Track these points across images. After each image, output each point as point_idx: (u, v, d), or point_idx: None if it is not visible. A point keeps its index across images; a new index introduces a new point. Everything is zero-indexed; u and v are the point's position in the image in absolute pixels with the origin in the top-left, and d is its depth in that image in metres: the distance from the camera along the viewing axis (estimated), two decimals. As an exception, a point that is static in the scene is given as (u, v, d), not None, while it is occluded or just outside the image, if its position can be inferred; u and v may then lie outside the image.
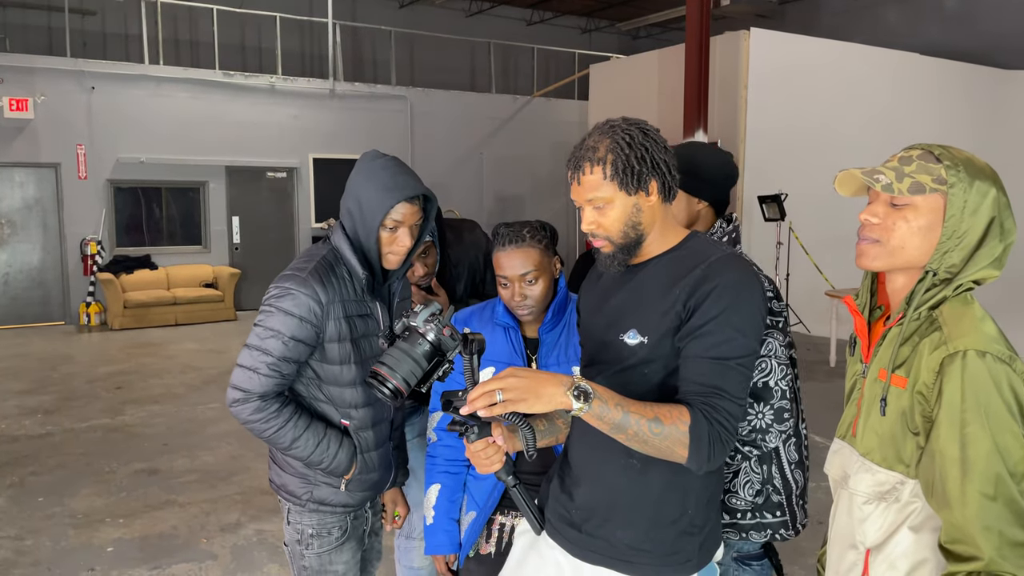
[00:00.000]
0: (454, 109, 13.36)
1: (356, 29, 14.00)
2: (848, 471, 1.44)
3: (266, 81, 11.82)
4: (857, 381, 1.47)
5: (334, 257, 1.89)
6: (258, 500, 4.55)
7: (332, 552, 1.94)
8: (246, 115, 11.64)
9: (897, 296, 1.41)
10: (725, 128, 9.33)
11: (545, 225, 1.98)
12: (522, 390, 1.33)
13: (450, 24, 15.32)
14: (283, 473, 1.94)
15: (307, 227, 12.37)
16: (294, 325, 1.79)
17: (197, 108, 11.29)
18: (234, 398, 1.80)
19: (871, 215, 1.37)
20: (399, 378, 1.54)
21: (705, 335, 1.41)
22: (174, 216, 11.66)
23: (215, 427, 6.01)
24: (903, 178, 1.33)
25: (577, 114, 14.20)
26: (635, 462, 1.52)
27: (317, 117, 12.25)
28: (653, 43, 16.82)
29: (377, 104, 12.73)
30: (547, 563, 1.68)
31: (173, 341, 9.63)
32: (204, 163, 11.43)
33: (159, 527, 4.18)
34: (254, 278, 11.91)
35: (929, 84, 10.53)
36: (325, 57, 13.38)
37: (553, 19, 17.07)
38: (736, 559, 2.03)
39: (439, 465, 2.13)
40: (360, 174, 1.85)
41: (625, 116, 1.54)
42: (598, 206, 1.50)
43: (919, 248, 1.34)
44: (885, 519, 1.36)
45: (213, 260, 11.69)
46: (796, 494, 1.98)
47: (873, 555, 1.38)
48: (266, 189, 12.11)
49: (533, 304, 1.96)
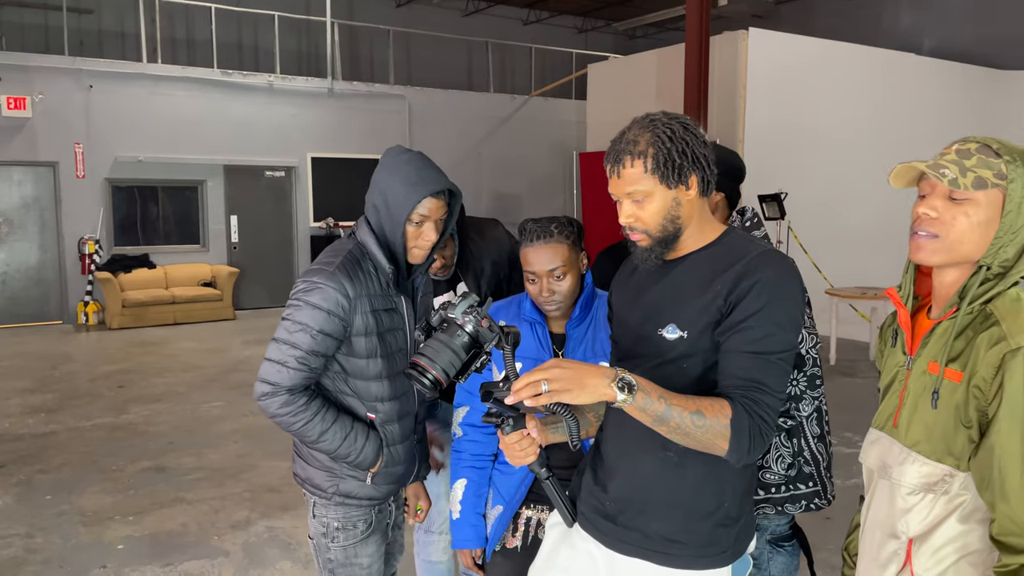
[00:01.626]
0: (452, 108, 13.37)
1: (353, 28, 14.00)
2: (888, 461, 1.46)
3: (264, 80, 11.81)
4: (899, 373, 1.48)
5: (360, 252, 1.91)
6: (267, 497, 4.56)
7: (357, 545, 1.96)
8: (244, 114, 11.63)
9: (947, 290, 1.41)
10: (724, 128, 9.36)
11: (572, 220, 2.00)
12: (567, 381, 1.34)
13: (446, 23, 15.34)
14: (308, 467, 1.96)
15: (305, 226, 12.36)
16: (322, 319, 1.81)
17: (195, 107, 11.28)
18: (263, 391, 1.81)
19: (929, 209, 1.37)
20: (439, 369, 1.55)
21: (746, 330, 1.43)
22: (172, 215, 11.64)
23: (220, 425, 6.01)
24: (966, 173, 1.33)
25: (575, 114, 14.23)
26: (672, 455, 1.53)
27: (315, 116, 12.25)
28: (649, 43, 16.86)
29: (375, 103, 12.74)
30: (580, 555, 1.69)
31: (172, 340, 9.61)
32: (202, 162, 11.42)
33: (169, 524, 4.19)
34: (252, 277, 11.91)
35: (925, 84, 10.59)
36: (323, 56, 13.37)
37: (549, 19, 17.09)
38: (770, 542, 2.07)
39: (465, 460, 2.15)
40: (385, 169, 1.87)
41: (665, 110, 1.56)
42: (637, 199, 1.51)
43: (977, 243, 1.35)
44: (932, 510, 1.38)
45: (211, 259, 11.68)
46: (824, 465, 2.03)
47: (917, 544, 1.40)
48: (264, 188, 12.10)
49: (561, 300, 1.98)
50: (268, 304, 12.18)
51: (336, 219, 12.40)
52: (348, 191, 12.56)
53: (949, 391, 1.35)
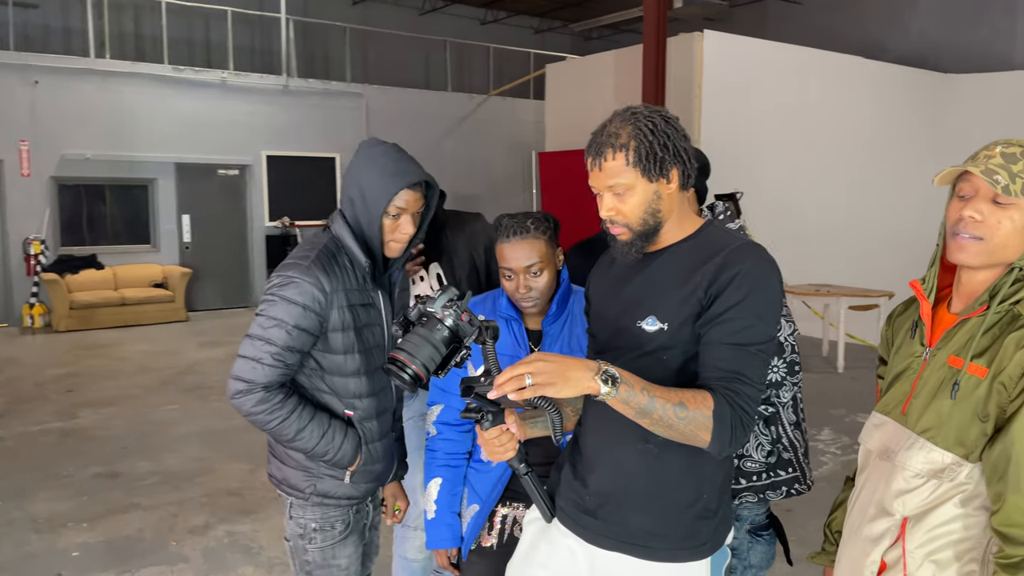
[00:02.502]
0: (410, 107, 13.28)
1: (308, 25, 13.80)
2: (891, 446, 1.51)
3: (217, 76, 11.58)
4: (913, 362, 1.52)
5: (335, 246, 1.88)
6: (226, 501, 4.46)
7: (336, 546, 1.92)
8: (196, 111, 11.38)
9: (976, 287, 1.45)
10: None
11: (548, 216, 2.00)
12: (550, 374, 1.34)
13: (403, 22, 15.23)
14: (284, 467, 1.92)
15: (260, 225, 12.15)
16: (298, 314, 1.77)
17: (145, 103, 11.00)
18: (237, 389, 1.77)
19: (975, 212, 1.39)
20: (419, 363, 1.53)
21: (726, 321, 1.44)
22: (121, 214, 11.34)
23: (176, 429, 5.88)
24: (1015, 178, 1.36)
25: (533, 114, 14.25)
26: (652, 447, 1.54)
27: (270, 113, 12.05)
28: (605, 44, 16.98)
29: (332, 101, 12.59)
30: (559, 550, 1.69)
31: (123, 343, 9.37)
32: (153, 160, 11.15)
33: (125, 530, 4.07)
34: (206, 278, 11.66)
35: (872, 86, 10.86)
36: (277, 53, 13.16)
37: (507, 19, 17.10)
38: (749, 532, 2.10)
39: (439, 459, 2.13)
40: (361, 161, 1.85)
41: (646, 103, 1.56)
42: (618, 192, 1.51)
43: (1017, 247, 1.39)
44: (933, 493, 1.43)
45: (163, 259, 11.40)
46: (801, 451, 2.07)
47: (912, 523, 1.45)
48: (217, 186, 11.86)
49: (538, 296, 1.97)
50: (222, 305, 11.95)
51: (292, 218, 12.22)
52: (304, 190, 12.40)
53: (971, 385, 1.39)
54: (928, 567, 1.44)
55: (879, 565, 1.50)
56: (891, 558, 1.48)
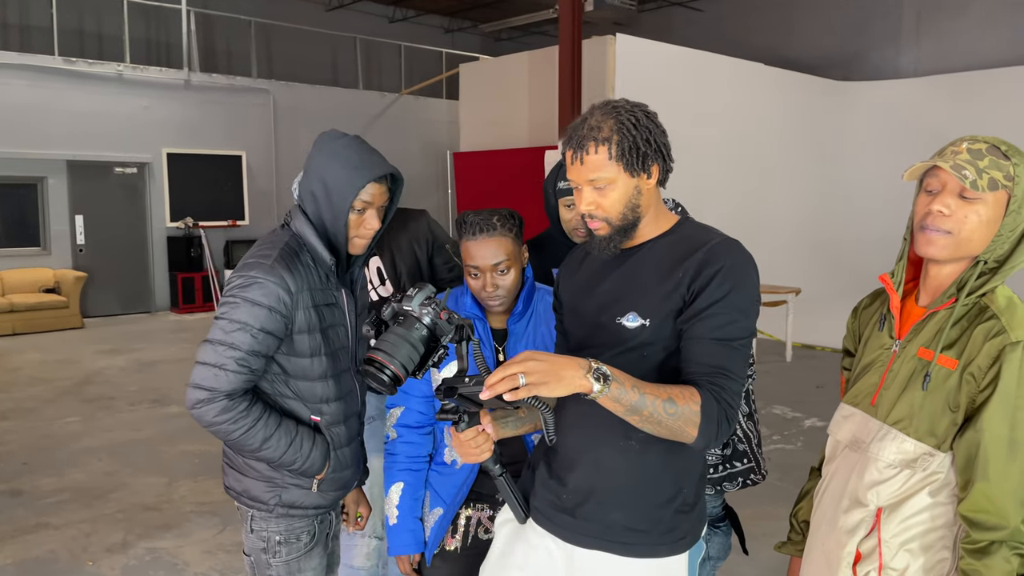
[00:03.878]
0: (320, 104, 12.97)
1: (208, 17, 13.26)
2: (862, 437, 1.54)
3: (113, 69, 10.98)
4: (882, 355, 1.56)
5: (297, 243, 1.79)
6: (143, 517, 4.23)
7: (301, 559, 1.83)
8: (90, 105, 10.77)
9: (943, 281, 1.49)
10: (594, 129, 9.61)
11: (513, 213, 1.97)
12: (543, 373, 1.31)
13: (309, 17, 14.84)
14: (244, 478, 1.82)
15: (161, 226, 11.60)
16: (263, 316, 1.68)
17: (34, 97, 10.33)
18: (197, 399, 1.66)
19: (943, 207, 1.43)
20: (397, 363, 1.48)
21: (710, 317, 1.45)
22: (8, 215, 10.60)
23: (79, 442, 5.52)
24: (982, 174, 1.40)
25: (446, 113, 14.18)
26: (634, 444, 1.54)
27: (171, 109, 11.52)
28: (516, 46, 17.08)
29: (237, 97, 12.15)
30: (537, 551, 1.67)
31: (13, 352, 8.75)
32: (42, 157, 10.48)
33: (35, 551, 3.80)
34: (102, 282, 11.05)
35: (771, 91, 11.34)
36: (176, 46, 12.59)
37: (416, 17, 16.94)
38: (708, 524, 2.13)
39: (400, 463, 2.07)
40: (323, 154, 1.76)
41: (626, 98, 1.56)
42: (599, 187, 1.50)
43: (983, 240, 1.43)
44: (905, 483, 1.47)
45: (54, 263, 10.73)
46: (755, 442, 2.11)
47: (886, 513, 1.49)
48: (114, 185, 11.25)
49: (505, 294, 1.94)
50: (120, 311, 11.35)
51: (196, 219, 11.72)
52: (208, 189, 11.92)
53: (942, 376, 1.44)
54: (903, 556, 1.48)
55: (855, 555, 1.54)
56: (866, 548, 1.52)
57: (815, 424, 5.88)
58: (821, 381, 7.20)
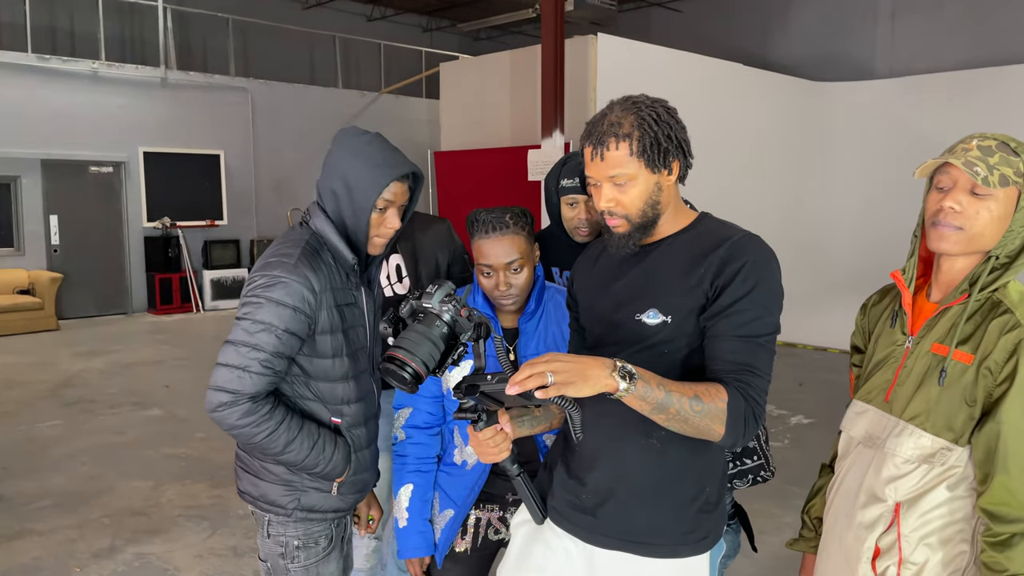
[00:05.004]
0: (298, 103, 12.85)
1: (184, 14, 13.09)
2: (877, 433, 1.55)
3: (88, 67, 10.79)
4: (895, 351, 1.57)
5: (317, 242, 1.75)
6: (131, 522, 4.15)
7: (319, 563, 1.80)
8: (65, 103, 10.57)
9: (955, 276, 1.51)
10: (576, 130, 9.62)
11: (525, 211, 1.96)
12: (570, 373, 1.30)
13: (286, 15, 14.70)
14: (261, 482, 1.78)
15: (139, 226, 11.42)
16: (288, 316, 1.64)
17: (6, 95, 10.11)
18: (220, 401, 1.62)
19: (955, 203, 1.45)
20: (418, 361, 1.46)
21: (735, 314, 1.44)
22: (-21, 215, 10.39)
23: (60, 446, 5.42)
24: (992, 170, 1.42)
25: (426, 112, 14.12)
26: (655, 442, 1.53)
27: (147, 107, 11.35)
28: (494, 45, 17.07)
29: (215, 95, 12.00)
30: (556, 552, 1.66)
31: (-14, 354, 8.57)
32: (15, 155, 10.26)
33: (19, 559, 3.71)
34: (78, 283, 10.86)
35: (749, 92, 11.43)
36: (151, 43, 12.41)
37: (394, 16, 16.85)
38: None
39: (410, 464, 2.05)
40: (345, 151, 1.73)
41: (646, 93, 1.55)
42: (620, 183, 1.49)
43: (994, 236, 1.45)
44: (924, 478, 1.48)
45: (28, 264, 10.52)
46: (763, 439, 2.11)
47: (905, 508, 1.50)
48: (90, 185, 11.05)
49: (517, 293, 1.93)
50: (96, 312, 11.16)
51: (173, 219, 11.56)
52: (186, 188, 11.76)
53: (958, 371, 1.45)
54: (922, 550, 1.50)
55: (874, 550, 1.55)
56: (885, 543, 1.53)
57: (801, 421, 5.93)
58: (803, 379, 7.27)
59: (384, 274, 2.46)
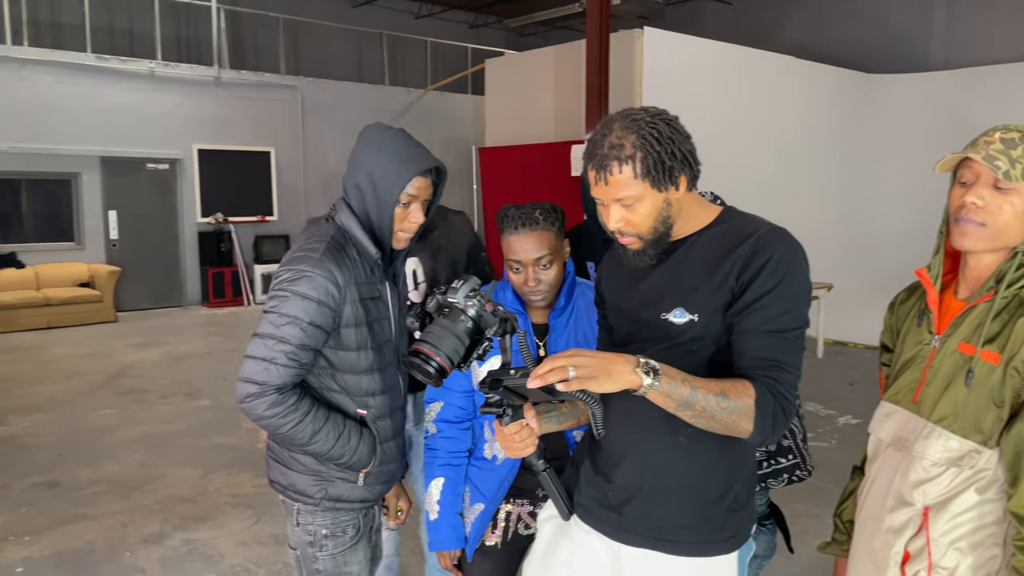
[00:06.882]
0: (346, 100, 13.03)
1: (236, 14, 13.37)
2: (905, 435, 1.52)
3: (145, 66, 11.10)
4: (922, 350, 1.53)
5: (342, 237, 1.79)
6: (179, 508, 4.28)
7: (347, 552, 1.84)
8: (123, 102, 10.90)
9: (981, 273, 1.47)
10: (622, 124, 9.55)
11: (556, 207, 1.96)
12: (592, 368, 1.29)
13: (335, 13, 14.91)
14: (290, 472, 1.83)
15: (192, 221, 11.73)
16: (313, 309, 1.68)
17: (67, 93, 10.47)
18: (248, 392, 1.66)
19: (977, 198, 1.41)
20: (443, 355, 1.48)
21: (762, 309, 1.41)
22: (42, 210, 10.77)
23: (114, 435, 5.60)
24: (1016, 163, 1.38)
25: (472, 109, 14.17)
26: (682, 439, 1.51)
27: (201, 106, 11.63)
28: (541, 40, 17.02)
29: (266, 93, 12.24)
30: (582, 549, 1.65)
31: (47, 345, 8.90)
32: (76, 153, 10.62)
33: (73, 543, 3.86)
34: (135, 276, 11.20)
35: (800, 85, 11.20)
36: (204, 43, 12.71)
37: (441, 13, 16.95)
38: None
39: (440, 458, 2.07)
40: (370, 147, 1.76)
41: (644, 106, 1.51)
42: (627, 204, 1.46)
43: (1019, 231, 1.41)
44: (952, 481, 1.44)
45: (88, 258, 10.89)
46: (800, 438, 2.08)
47: (934, 512, 1.46)
48: (146, 181, 11.39)
49: (547, 289, 1.93)
50: (152, 305, 11.49)
51: (225, 214, 11.84)
52: (238, 185, 12.03)
53: (985, 371, 1.41)
54: (952, 555, 1.46)
55: (903, 555, 1.51)
56: (915, 548, 1.50)
57: (849, 422, 5.81)
58: (853, 378, 7.12)
59: None
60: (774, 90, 10.75)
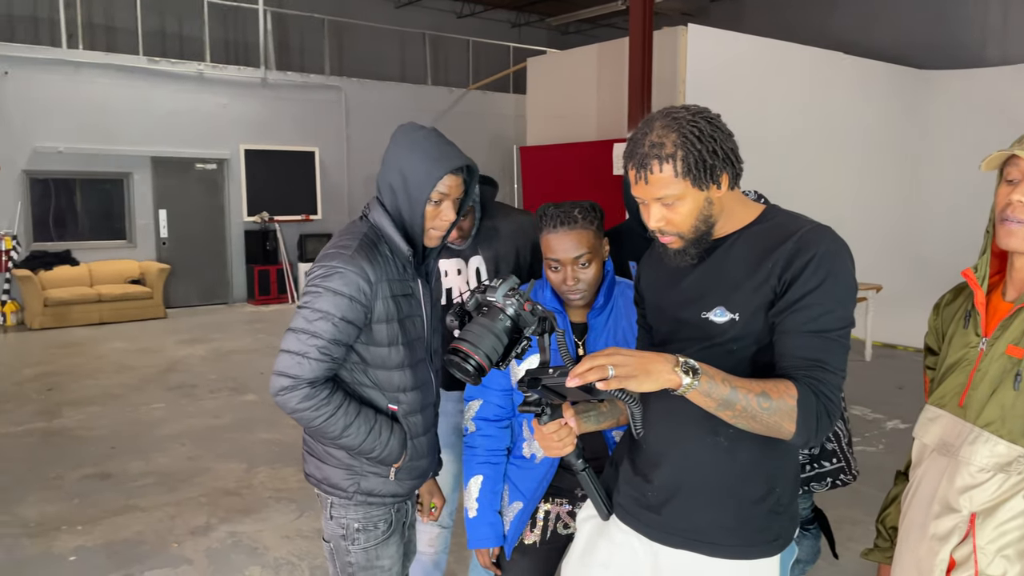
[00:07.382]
0: (390, 100, 13.16)
1: (282, 16, 13.59)
2: (951, 440, 1.48)
3: (194, 69, 11.35)
4: (968, 353, 1.49)
5: (375, 235, 1.82)
6: (225, 501, 4.37)
7: (379, 546, 1.87)
8: (173, 103, 11.17)
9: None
10: (665, 122, 9.47)
11: (595, 206, 1.95)
12: (632, 367, 1.28)
13: (378, 14, 15.06)
14: (324, 466, 1.86)
15: (239, 220, 11.96)
16: (344, 305, 1.71)
17: (119, 95, 10.76)
18: (281, 386, 1.70)
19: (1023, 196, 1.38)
20: (482, 354, 1.49)
21: (805, 308, 1.39)
22: (96, 209, 11.09)
23: (164, 428, 5.74)
24: None
25: (513, 108, 14.19)
26: (722, 440, 1.50)
27: (248, 106, 11.86)
28: (583, 39, 16.97)
29: (311, 94, 12.42)
30: (621, 549, 1.65)
31: (100, 340, 9.16)
32: (128, 153, 10.91)
33: (123, 533, 3.96)
34: (184, 274, 11.46)
35: (850, 81, 10.97)
36: (250, 44, 12.95)
37: (483, 12, 17.01)
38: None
39: (479, 456, 2.08)
40: (402, 146, 1.78)
41: (685, 104, 1.50)
42: (668, 203, 1.45)
43: None
44: (1001, 487, 1.40)
45: (139, 255, 11.18)
46: (845, 441, 2.05)
47: (981, 519, 1.43)
48: (195, 181, 11.64)
49: (585, 288, 1.93)
50: (200, 302, 11.75)
51: (271, 214, 12.04)
52: (283, 184, 12.23)
53: None
54: (1000, 562, 1.42)
55: (948, 563, 1.48)
56: (960, 555, 1.46)
57: (897, 426, 5.68)
58: (902, 382, 6.96)
59: (463, 279, 2.49)
60: (822, 87, 10.55)
